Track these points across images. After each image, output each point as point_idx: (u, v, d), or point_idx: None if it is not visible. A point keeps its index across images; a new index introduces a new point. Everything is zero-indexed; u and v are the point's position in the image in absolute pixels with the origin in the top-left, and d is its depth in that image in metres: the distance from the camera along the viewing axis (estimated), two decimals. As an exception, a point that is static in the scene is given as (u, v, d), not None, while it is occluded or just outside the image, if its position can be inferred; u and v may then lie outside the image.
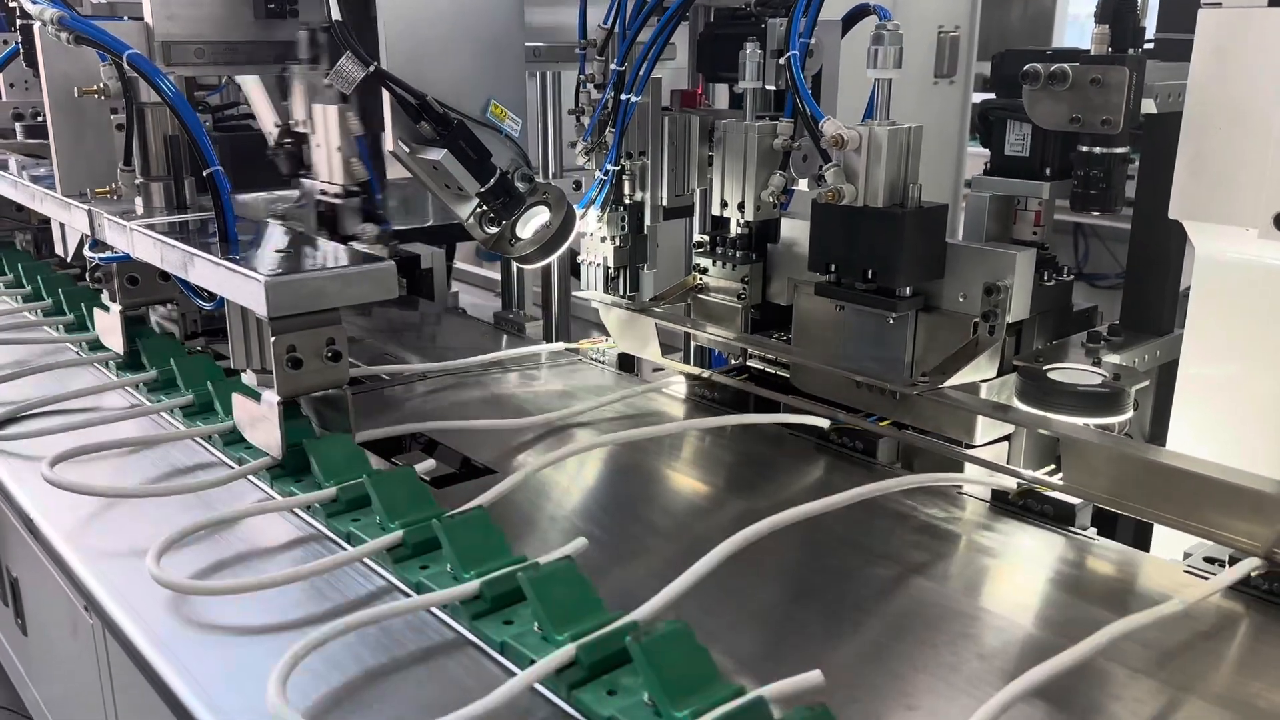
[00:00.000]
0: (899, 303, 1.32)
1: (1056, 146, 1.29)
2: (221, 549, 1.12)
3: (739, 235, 1.60)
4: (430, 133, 1.50)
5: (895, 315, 1.34)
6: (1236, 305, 1.18)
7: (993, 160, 1.35)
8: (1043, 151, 1.30)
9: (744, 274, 1.59)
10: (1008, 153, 1.33)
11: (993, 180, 1.34)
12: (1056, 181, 1.30)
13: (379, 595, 1.03)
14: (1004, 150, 1.33)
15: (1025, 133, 1.31)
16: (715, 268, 1.62)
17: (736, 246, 1.60)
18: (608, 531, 1.22)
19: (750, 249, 1.60)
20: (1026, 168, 1.31)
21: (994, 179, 1.33)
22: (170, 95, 1.40)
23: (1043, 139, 1.29)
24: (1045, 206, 1.33)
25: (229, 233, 1.34)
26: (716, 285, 1.63)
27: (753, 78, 1.51)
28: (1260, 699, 0.89)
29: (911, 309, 1.34)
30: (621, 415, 1.59)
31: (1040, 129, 1.28)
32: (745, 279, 1.59)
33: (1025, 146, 1.31)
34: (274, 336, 1.16)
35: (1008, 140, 1.32)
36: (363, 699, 0.88)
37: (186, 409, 1.44)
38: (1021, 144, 1.31)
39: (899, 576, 1.10)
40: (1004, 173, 1.33)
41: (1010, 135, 1.32)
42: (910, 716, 0.87)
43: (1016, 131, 1.31)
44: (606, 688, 0.85)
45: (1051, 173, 1.30)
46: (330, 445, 1.19)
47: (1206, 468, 1.06)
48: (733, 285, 1.60)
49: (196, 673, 0.91)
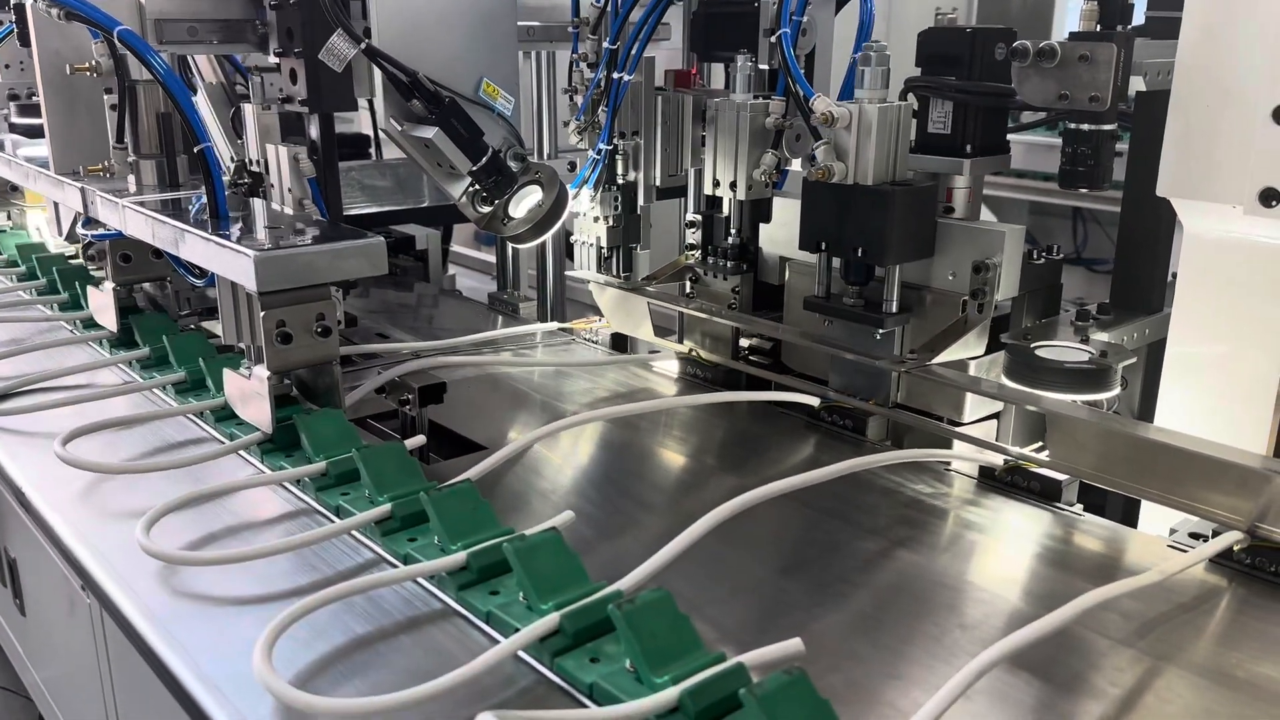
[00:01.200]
0: (886, 319, 1.32)
1: (978, 124, 1.30)
2: (212, 523, 1.13)
3: (731, 245, 1.60)
4: (422, 110, 1.50)
5: (881, 332, 1.34)
6: (1224, 283, 1.18)
7: (916, 138, 1.35)
8: (964, 129, 1.30)
9: (734, 284, 1.59)
10: (930, 130, 1.33)
11: (916, 158, 1.34)
12: (978, 159, 1.31)
13: (367, 567, 1.04)
14: (927, 128, 1.33)
15: (947, 110, 1.31)
16: (706, 277, 1.62)
17: (727, 256, 1.60)
18: (598, 506, 1.23)
19: (741, 259, 1.60)
20: (949, 145, 1.32)
21: (918, 156, 1.33)
22: (161, 72, 1.40)
23: (964, 117, 1.30)
24: (974, 184, 1.33)
25: (220, 209, 1.34)
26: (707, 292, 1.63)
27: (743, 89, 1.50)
28: (1239, 669, 0.90)
29: (898, 325, 1.34)
30: (614, 394, 1.60)
31: (961, 106, 1.29)
32: (735, 289, 1.59)
33: (947, 125, 1.31)
34: (263, 311, 1.16)
35: (930, 118, 1.33)
36: (350, 666, 0.89)
37: (179, 386, 1.44)
38: (943, 122, 1.32)
39: (885, 550, 1.11)
40: (927, 151, 1.33)
41: (933, 113, 1.32)
42: (892, 685, 0.88)
43: (939, 109, 1.32)
44: (589, 655, 0.85)
45: (973, 149, 1.30)
46: (320, 420, 1.20)
47: (1190, 443, 1.06)
48: (723, 294, 1.60)
49: (186, 642, 0.92)
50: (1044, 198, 3.58)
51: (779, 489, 1.09)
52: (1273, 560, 1.03)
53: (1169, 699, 0.87)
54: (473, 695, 0.85)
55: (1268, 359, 1.14)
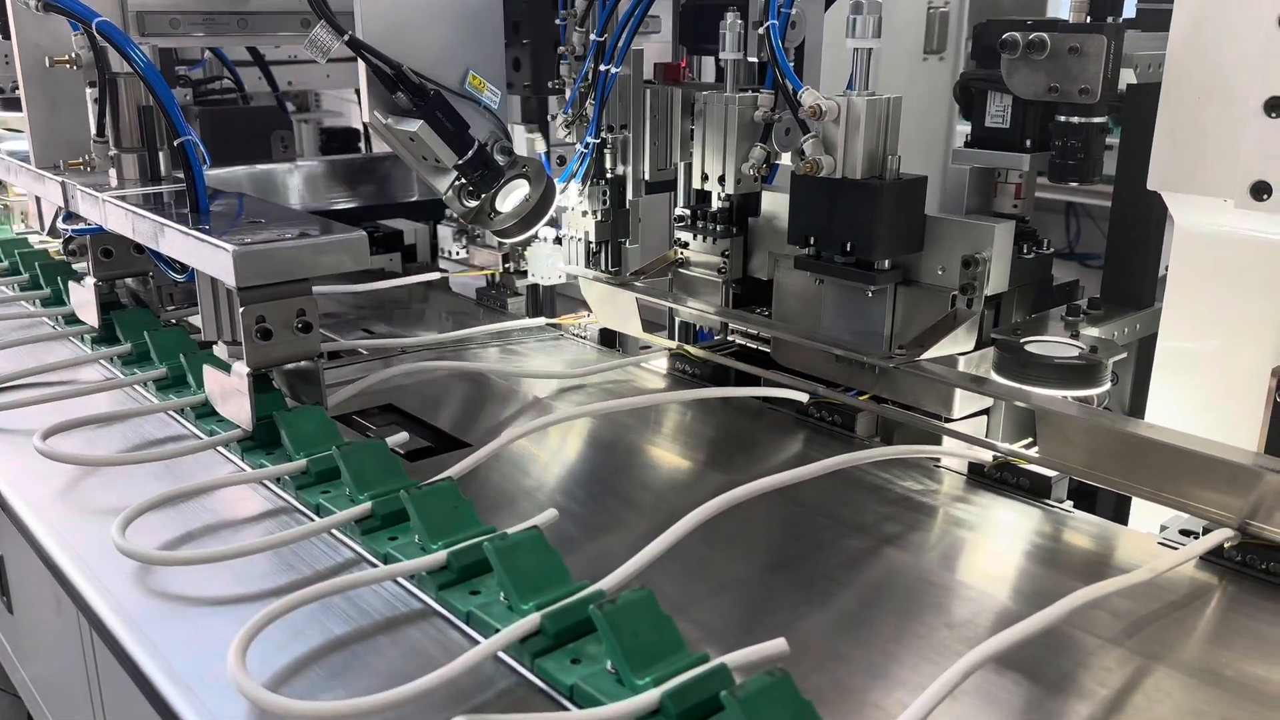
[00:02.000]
0: (877, 275, 1.31)
1: (1037, 118, 1.28)
2: (190, 521, 1.11)
3: (720, 209, 1.59)
4: (407, 104, 1.48)
5: (874, 289, 1.33)
6: (1215, 277, 1.17)
7: (973, 132, 1.33)
8: (1023, 123, 1.28)
9: (724, 248, 1.58)
10: (988, 124, 1.31)
11: (973, 153, 1.32)
12: (1037, 153, 1.29)
13: (347, 566, 1.02)
14: (984, 122, 1.31)
15: (1006, 104, 1.29)
16: (696, 242, 1.61)
17: (717, 220, 1.59)
18: (584, 505, 1.21)
19: (731, 223, 1.59)
20: (1007, 139, 1.30)
21: (974, 151, 1.32)
22: (141, 65, 1.38)
23: (1023, 110, 1.28)
24: (1026, 179, 1.32)
25: (200, 203, 1.32)
26: (697, 260, 1.62)
27: (733, 49, 1.50)
28: (1228, 668, 0.89)
29: (890, 282, 1.32)
30: (601, 389, 1.58)
31: (1021, 100, 1.26)
32: (726, 253, 1.58)
33: (1006, 118, 1.29)
34: (243, 307, 1.14)
35: (988, 112, 1.31)
36: (326, 668, 0.87)
37: (160, 382, 1.42)
38: (1002, 115, 1.30)
39: (873, 548, 1.10)
40: (984, 145, 1.32)
41: (991, 107, 1.30)
42: (878, 685, 0.87)
43: (997, 103, 1.30)
44: (570, 656, 0.84)
45: (1032, 144, 1.29)
46: (301, 417, 1.18)
47: (1180, 439, 1.05)
48: (713, 260, 1.59)
49: (159, 643, 0.90)
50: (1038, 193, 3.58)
51: (763, 486, 1.08)
52: (1263, 557, 1.02)
53: (1158, 699, 0.85)
54: (451, 697, 0.84)
55: (1259, 354, 1.13)
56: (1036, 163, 1.29)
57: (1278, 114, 1.00)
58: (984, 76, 1.29)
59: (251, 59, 2.58)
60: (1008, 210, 1.33)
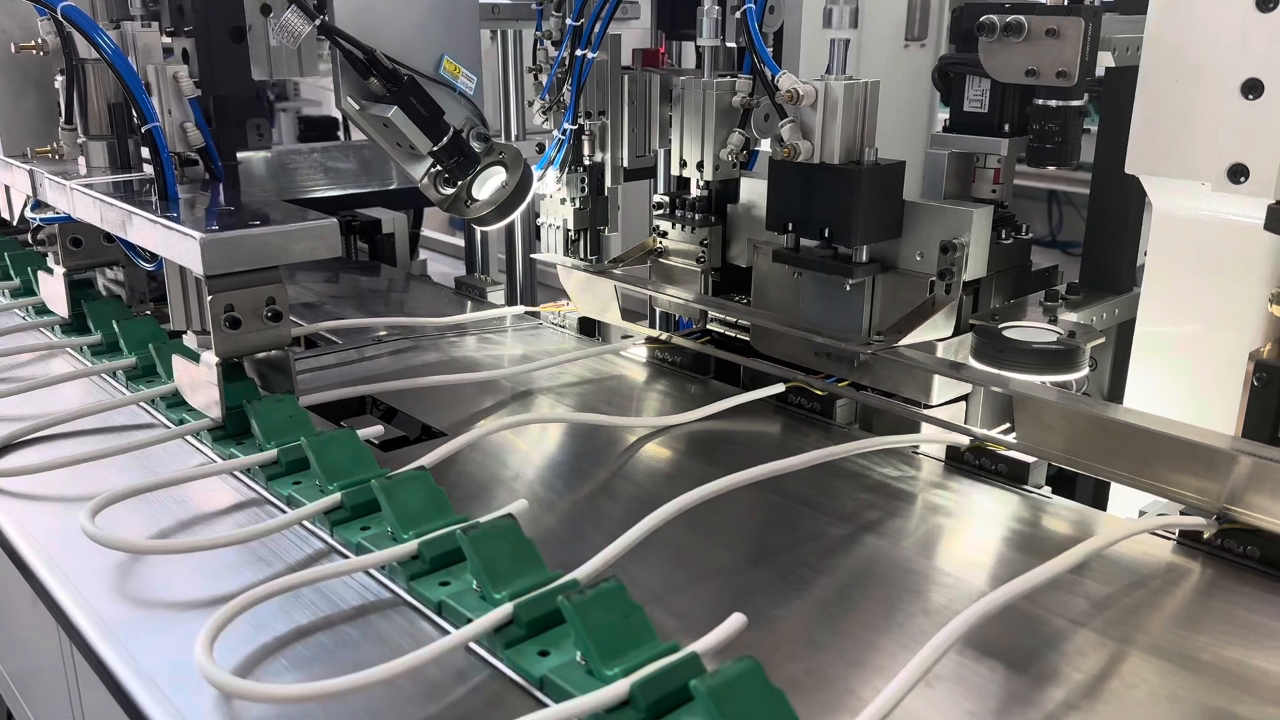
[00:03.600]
0: (855, 269, 1.30)
1: (1015, 102, 1.27)
2: (159, 513, 1.10)
3: (698, 197, 1.57)
4: (380, 89, 1.46)
5: (852, 282, 1.31)
6: (1193, 262, 1.17)
7: (951, 117, 1.32)
8: (1001, 107, 1.27)
9: (703, 236, 1.56)
10: (966, 109, 1.30)
11: (951, 137, 1.31)
12: (1015, 138, 1.28)
13: (317, 558, 1.01)
14: (963, 107, 1.30)
15: (984, 88, 1.28)
16: (675, 230, 1.60)
17: (695, 209, 1.57)
18: (562, 495, 1.20)
19: (710, 211, 1.57)
20: (985, 124, 1.29)
21: (952, 136, 1.31)
22: (108, 50, 1.35)
23: (1001, 95, 1.27)
24: (1005, 163, 1.31)
25: (169, 190, 1.30)
26: (676, 249, 1.60)
27: (711, 34, 1.48)
28: (1204, 652, 0.89)
29: (868, 275, 1.31)
30: (582, 379, 1.57)
31: (999, 84, 1.25)
32: (704, 241, 1.56)
33: (984, 102, 1.28)
34: (211, 296, 1.13)
35: (966, 96, 1.30)
36: (294, 659, 0.86)
37: (130, 372, 1.40)
38: (980, 100, 1.29)
39: (851, 535, 1.09)
40: (962, 129, 1.31)
41: (969, 91, 1.29)
42: (853, 672, 0.86)
43: (975, 87, 1.29)
44: (539, 647, 0.83)
45: (1010, 129, 1.28)
46: (271, 407, 1.16)
47: (1158, 424, 1.05)
48: (692, 249, 1.58)
49: (124, 637, 0.89)
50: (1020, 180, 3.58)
51: (740, 480, 1.07)
52: (1241, 541, 1.02)
53: (1134, 683, 0.85)
54: (422, 690, 0.82)
55: (1237, 338, 1.12)
56: (1015, 147, 1.28)
57: (1255, 96, 0.99)
58: (962, 60, 1.28)
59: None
60: (986, 195, 1.32)
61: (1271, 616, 0.94)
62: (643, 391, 1.54)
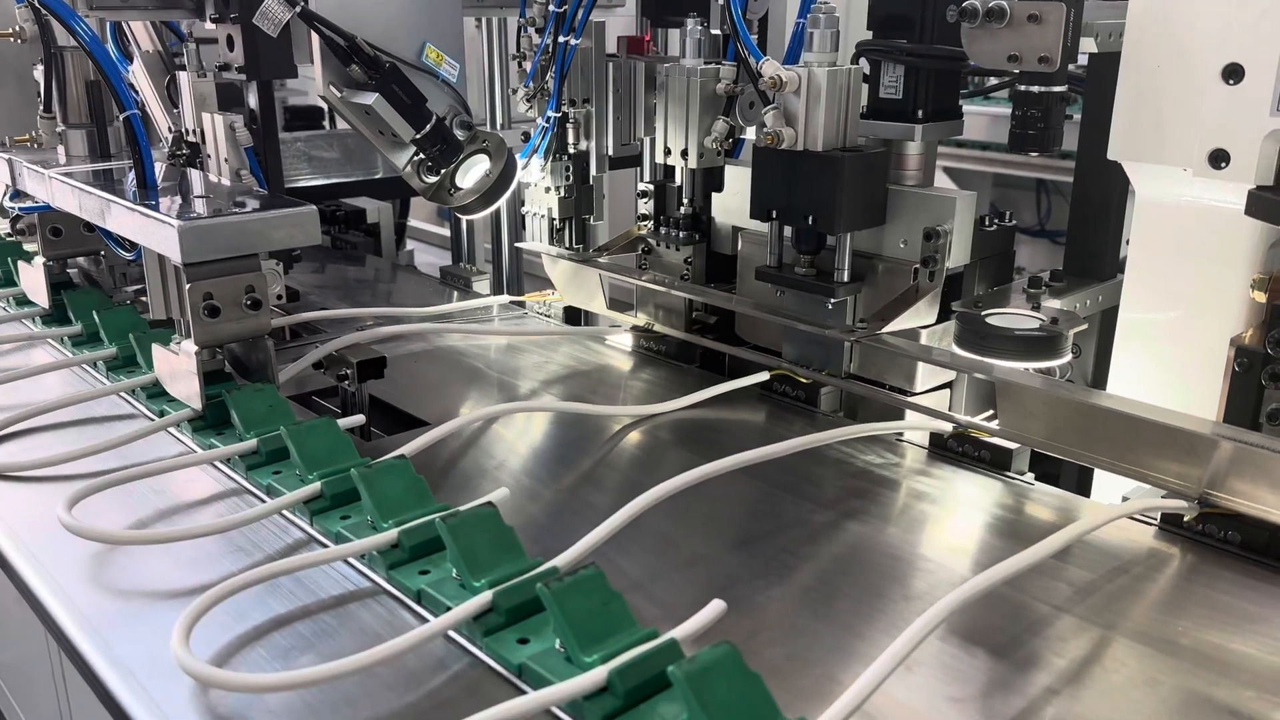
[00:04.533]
0: (837, 288, 1.30)
1: (929, 89, 1.27)
2: (138, 503, 1.09)
3: (683, 216, 1.56)
4: (362, 76, 1.45)
5: (834, 301, 1.31)
6: (1176, 248, 1.16)
7: (869, 104, 1.32)
8: (915, 94, 1.27)
9: (687, 255, 1.56)
10: (882, 95, 1.30)
11: (868, 124, 1.31)
12: (930, 124, 1.28)
13: (297, 548, 1.00)
14: (878, 93, 1.30)
15: (899, 75, 1.28)
16: (659, 248, 1.59)
17: (680, 227, 1.57)
18: (547, 484, 1.20)
19: (694, 229, 1.57)
20: (900, 110, 1.28)
21: (869, 123, 1.30)
22: (86, 38, 1.34)
23: (915, 81, 1.27)
24: (927, 150, 1.31)
25: (148, 178, 1.29)
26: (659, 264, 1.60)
27: (696, 21, 1.47)
28: (1184, 637, 0.89)
29: (850, 294, 1.31)
30: (567, 369, 1.57)
31: (913, 71, 1.26)
32: (688, 260, 1.56)
33: (899, 89, 1.28)
34: (189, 284, 1.12)
35: (882, 83, 1.29)
36: (272, 650, 0.85)
37: (110, 362, 1.39)
38: (895, 86, 1.28)
39: (834, 522, 1.09)
40: (879, 116, 1.30)
41: (884, 78, 1.29)
42: (834, 657, 0.86)
43: (891, 73, 1.29)
44: (519, 635, 0.83)
45: (924, 115, 1.28)
46: (251, 396, 1.16)
47: (1139, 409, 1.05)
48: (677, 264, 1.57)
49: (101, 627, 0.88)
50: (1008, 169, 3.58)
51: (722, 467, 1.07)
52: (1222, 527, 1.02)
53: (1114, 668, 0.85)
54: (402, 678, 0.82)
55: (1220, 324, 1.12)
56: (929, 133, 1.29)
57: (1236, 81, 0.99)
58: (877, 46, 1.28)
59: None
60: (908, 184, 1.32)
61: (1251, 601, 0.94)
62: (628, 380, 1.54)
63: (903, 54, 1.28)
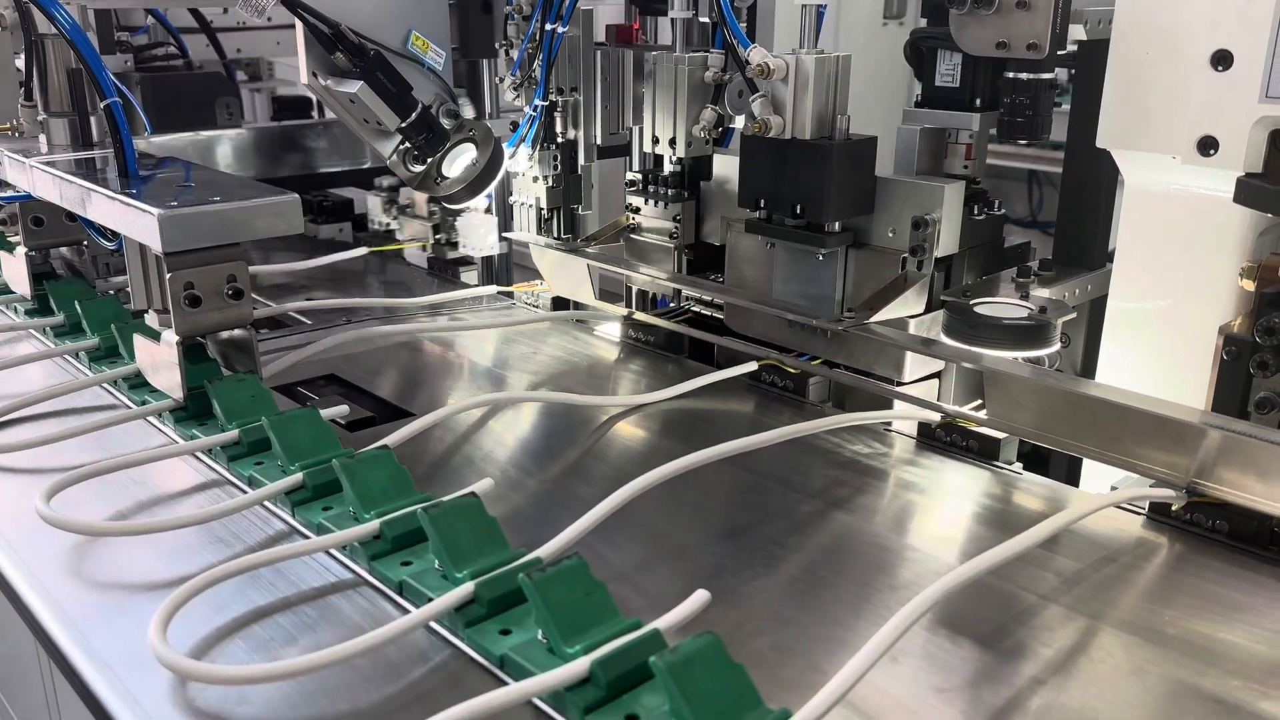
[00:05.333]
0: (827, 238, 1.29)
1: (987, 77, 1.26)
2: (118, 495, 1.08)
3: (671, 173, 1.56)
4: (346, 64, 1.44)
5: (824, 252, 1.31)
6: (1165, 236, 1.16)
7: (923, 92, 1.31)
8: (973, 82, 1.26)
9: (676, 212, 1.55)
10: (938, 84, 1.28)
11: (923, 113, 1.30)
12: (987, 113, 1.27)
13: (278, 539, 0.99)
14: (934, 81, 1.29)
15: (955, 63, 1.27)
16: (647, 206, 1.58)
17: (668, 185, 1.56)
18: (534, 476, 1.19)
19: (683, 187, 1.56)
20: (956, 99, 1.28)
21: (922, 111, 1.30)
22: (66, 25, 1.33)
23: (973, 69, 1.25)
24: (977, 139, 1.30)
25: (129, 167, 1.27)
26: (650, 225, 1.59)
27: (683, 8, 1.46)
28: (1171, 626, 0.89)
29: (840, 245, 1.30)
30: (554, 359, 1.56)
31: (970, 59, 1.24)
32: (677, 218, 1.55)
33: (955, 77, 1.27)
34: (170, 273, 1.10)
35: (938, 71, 1.28)
36: (252, 642, 0.84)
37: (92, 353, 1.38)
38: (952, 74, 1.27)
39: (821, 512, 1.08)
40: (934, 104, 1.29)
41: (941, 66, 1.28)
42: (818, 648, 0.85)
43: (947, 62, 1.27)
44: (501, 626, 0.82)
45: (982, 104, 1.26)
46: (233, 387, 1.15)
47: (1126, 398, 1.04)
48: (665, 225, 1.56)
49: (79, 620, 0.87)
50: (1000, 160, 3.58)
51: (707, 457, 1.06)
52: (1210, 516, 1.02)
53: (1100, 658, 0.85)
54: (382, 670, 0.81)
55: (1209, 313, 1.12)
56: (986, 122, 1.27)
57: (1224, 68, 0.98)
58: (933, 34, 1.27)
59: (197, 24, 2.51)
60: (958, 171, 1.31)
61: (1239, 590, 0.94)
62: (616, 371, 1.53)
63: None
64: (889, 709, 0.78)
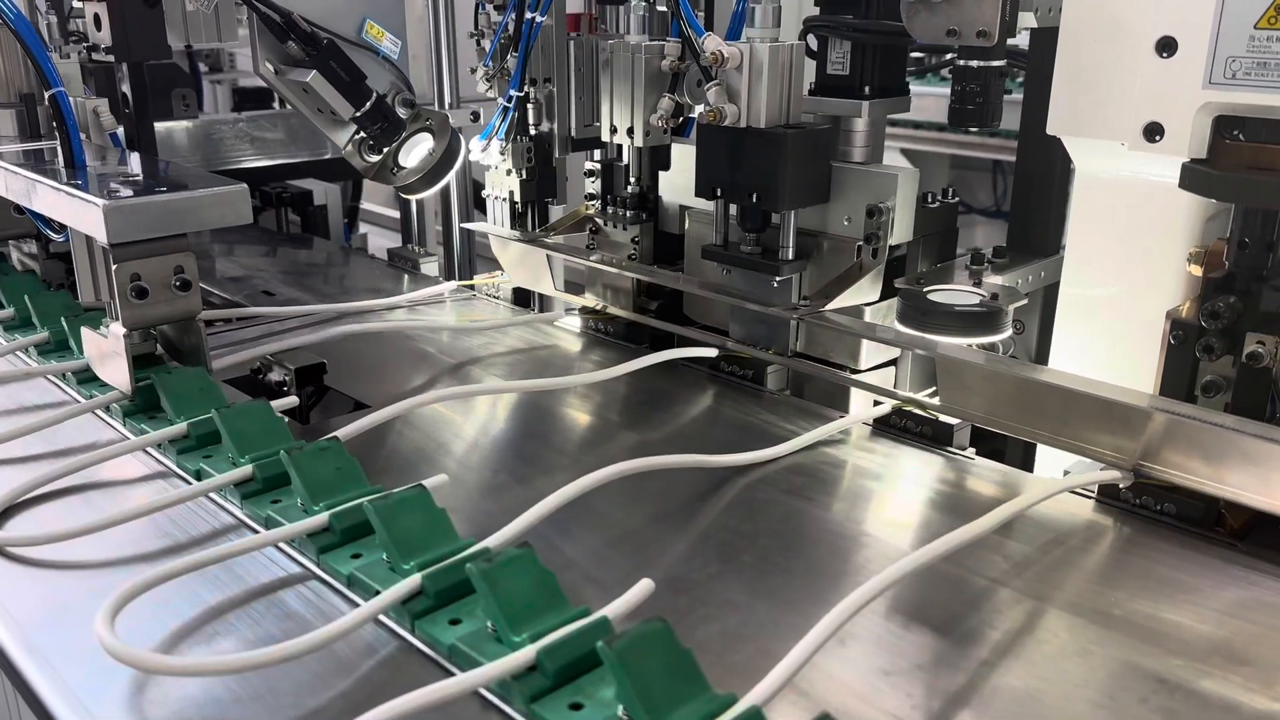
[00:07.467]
0: (782, 266, 1.30)
1: (876, 65, 1.27)
2: (66, 490, 1.06)
3: (630, 195, 1.55)
4: (299, 53, 1.42)
5: (779, 280, 1.31)
6: (1115, 223, 1.17)
7: (816, 80, 1.31)
8: (862, 70, 1.27)
9: (634, 234, 1.55)
10: (829, 72, 1.29)
11: (815, 100, 1.30)
12: (878, 101, 1.28)
13: (226, 532, 0.98)
14: (826, 69, 1.30)
15: (846, 51, 1.27)
16: (606, 227, 1.58)
17: (627, 206, 1.55)
18: (493, 468, 1.18)
19: (641, 208, 1.55)
20: (847, 86, 1.28)
21: (816, 99, 1.30)
22: (10, 15, 1.30)
23: (862, 57, 1.26)
24: (874, 127, 1.30)
25: (75, 158, 1.25)
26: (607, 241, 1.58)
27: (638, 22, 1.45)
28: (1117, 608, 0.90)
29: (794, 272, 1.31)
30: (515, 350, 1.55)
31: (859, 46, 1.25)
32: (635, 239, 1.55)
33: (845, 65, 1.28)
34: (116, 265, 1.09)
35: (829, 59, 1.29)
36: (199, 637, 0.83)
37: (42, 347, 1.36)
38: (842, 63, 1.28)
39: (774, 499, 1.08)
40: (826, 93, 1.30)
41: (831, 54, 1.29)
42: (767, 632, 0.86)
43: (837, 49, 1.28)
44: (450, 617, 0.81)
45: (871, 91, 1.27)
46: (181, 379, 1.13)
47: (1075, 382, 1.05)
48: (624, 243, 1.56)
49: (18, 615, 0.86)
50: (965, 151, 3.60)
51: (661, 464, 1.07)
52: (1158, 499, 1.03)
53: (1045, 639, 0.86)
54: (330, 667, 0.80)
55: (1159, 299, 1.13)
56: (875, 110, 1.28)
57: (1169, 54, 0.99)
58: (824, 22, 1.28)
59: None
60: (855, 160, 1.31)
61: (1185, 571, 0.95)
62: (577, 362, 1.52)
63: (850, 29, 1.27)
64: (836, 692, 0.79)
